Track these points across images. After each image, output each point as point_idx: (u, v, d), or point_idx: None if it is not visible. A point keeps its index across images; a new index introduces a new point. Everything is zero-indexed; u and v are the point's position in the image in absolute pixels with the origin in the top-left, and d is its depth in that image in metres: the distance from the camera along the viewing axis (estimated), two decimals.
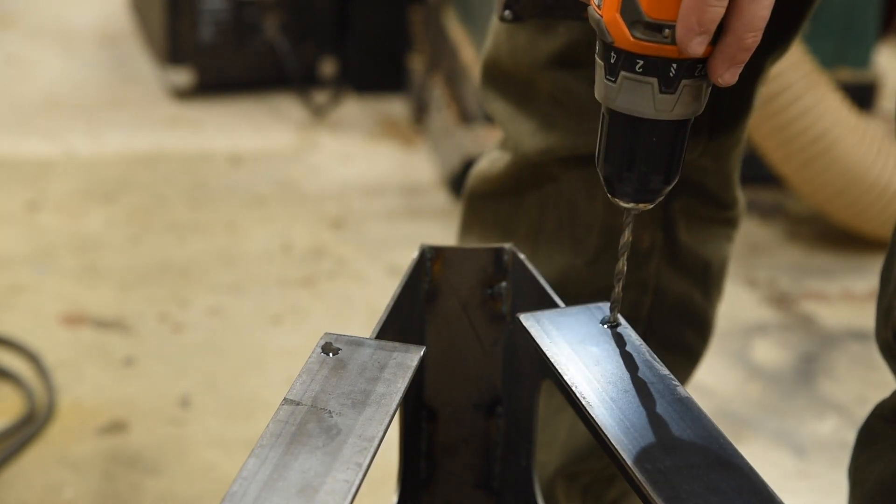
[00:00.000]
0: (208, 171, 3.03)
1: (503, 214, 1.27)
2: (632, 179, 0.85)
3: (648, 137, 0.84)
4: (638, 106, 0.82)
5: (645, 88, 0.82)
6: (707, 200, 1.23)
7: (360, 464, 0.73)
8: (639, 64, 0.81)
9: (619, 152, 0.85)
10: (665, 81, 0.81)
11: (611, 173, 0.86)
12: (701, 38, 0.78)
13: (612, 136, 0.85)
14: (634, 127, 0.83)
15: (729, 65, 0.81)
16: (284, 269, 2.59)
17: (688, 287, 1.27)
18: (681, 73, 0.81)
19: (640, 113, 0.83)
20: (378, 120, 3.34)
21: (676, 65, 0.81)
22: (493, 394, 1.04)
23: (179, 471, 1.97)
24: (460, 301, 1.01)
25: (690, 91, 0.82)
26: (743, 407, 2.18)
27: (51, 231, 2.69)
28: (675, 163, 0.85)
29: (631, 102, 0.82)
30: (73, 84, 3.49)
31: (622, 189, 0.86)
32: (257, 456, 0.73)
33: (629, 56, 0.81)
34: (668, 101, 0.82)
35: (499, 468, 1.06)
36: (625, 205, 0.87)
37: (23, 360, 2.21)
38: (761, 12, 0.79)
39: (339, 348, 0.85)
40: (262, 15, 3.36)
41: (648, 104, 0.82)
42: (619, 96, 0.83)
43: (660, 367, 0.86)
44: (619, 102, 0.83)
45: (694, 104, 0.83)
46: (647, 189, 0.86)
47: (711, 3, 0.77)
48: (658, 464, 0.76)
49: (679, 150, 0.85)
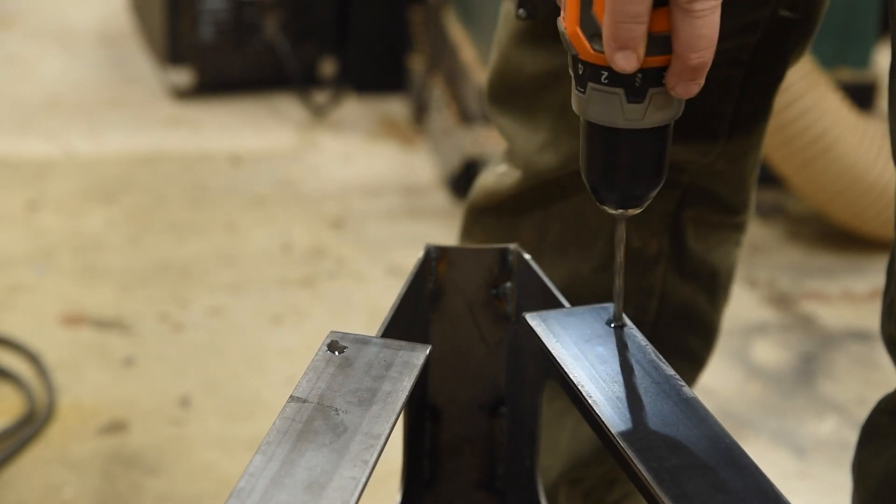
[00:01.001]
0: (208, 171, 3.03)
1: (505, 223, 1.26)
2: (615, 187, 0.85)
3: (624, 146, 0.84)
4: (609, 116, 0.82)
5: (613, 99, 0.81)
6: (718, 206, 1.22)
7: (367, 461, 0.73)
8: (604, 75, 0.81)
9: (598, 161, 0.85)
10: (631, 91, 0.81)
11: (594, 181, 0.86)
12: (624, 54, 0.78)
13: (591, 146, 0.85)
14: (609, 136, 0.84)
15: (679, 80, 0.80)
16: (284, 269, 2.59)
17: (694, 293, 1.26)
18: (647, 82, 0.81)
19: (612, 123, 0.83)
20: (378, 120, 3.34)
21: (641, 74, 0.80)
22: (497, 394, 1.04)
23: (179, 471, 1.97)
24: (465, 301, 1.01)
25: (660, 99, 0.82)
26: (743, 407, 2.18)
27: (51, 231, 2.69)
28: (656, 168, 0.85)
29: (602, 112, 0.83)
30: (73, 84, 3.49)
31: (608, 196, 0.86)
32: (264, 452, 0.73)
33: (593, 68, 0.81)
34: (637, 110, 0.82)
35: (502, 468, 1.06)
36: (612, 211, 0.87)
37: (23, 360, 2.21)
38: (701, 32, 0.78)
39: (345, 346, 0.85)
40: (262, 15, 3.36)
41: (618, 114, 0.82)
42: (589, 107, 0.83)
43: (665, 367, 0.86)
44: (590, 113, 0.83)
45: (666, 111, 0.83)
46: (631, 196, 0.86)
47: (625, 21, 0.76)
48: (664, 463, 0.76)
49: (659, 155, 0.85)
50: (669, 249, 1.22)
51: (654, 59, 0.79)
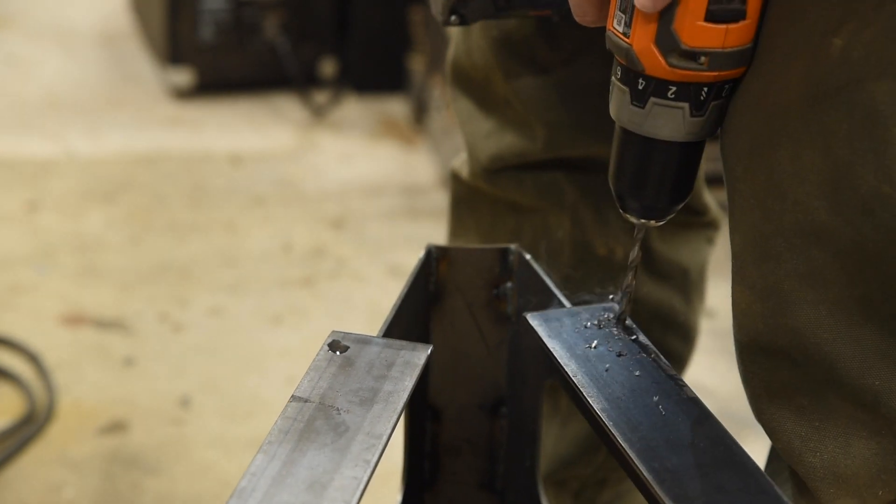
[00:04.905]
0: (208, 171, 3.03)
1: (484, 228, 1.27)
2: (646, 198, 0.85)
3: (673, 159, 0.83)
4: (667, 130, 0.82)
5: (676, 113, 0.81)
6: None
7: (369, 461, 0.73)
8: (671, 90, 0.80)
9: (636, 173, 0.85)
10: (696, 105, 0.81)
11: (624, 191, 0.86)
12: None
13: (632, 158, 0.84)
14: (660, 149, 0.83)
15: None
16: (284, 269, 2.59)
17: (666, 294, 1.26)
18: (711, 95, 0.81)
19: (670, 137, 0.82)
20: (378, 120, 3.34)
21: (707, 88, 0.80)
22: (498, 394, 1.04)
23: (179, 471, 1.97)
24: (466, 301, 1.01)
25: (717, 111, 0.82)
26: (743, 407, 2.17)
27: (51, 231, 2.69)
28: (690, 183, 0.85)
29: (660, 126, 0.82)
30: (72, 84, 3.49)
31: (633, 206, 0.86)
32: (266, 452, 0.73)
33: (661, 83, 0.80)
34: (698, 123, 0.82)
35: (502, 468, 1.06)
36: (635, 220, 0.87)
37: (23, 360, 2.21)
38: None
39: (346, 346, 0.85)
40: (262, 15, 3.36)
41: (679, 128, 0.82)
42: (648, 121, 0.82)
43: (667, 367, 0.86)
44: (646, 127, 0.82)
45: (718, 123, 0.83)
46: (659, 207, 0.86)
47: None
48: (665, 463, 0.76)
49: (695, 170, 0.85)
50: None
51: (725, 73, 0.79)
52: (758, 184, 0.81)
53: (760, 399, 0.91)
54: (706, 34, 0.78)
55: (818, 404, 0.85)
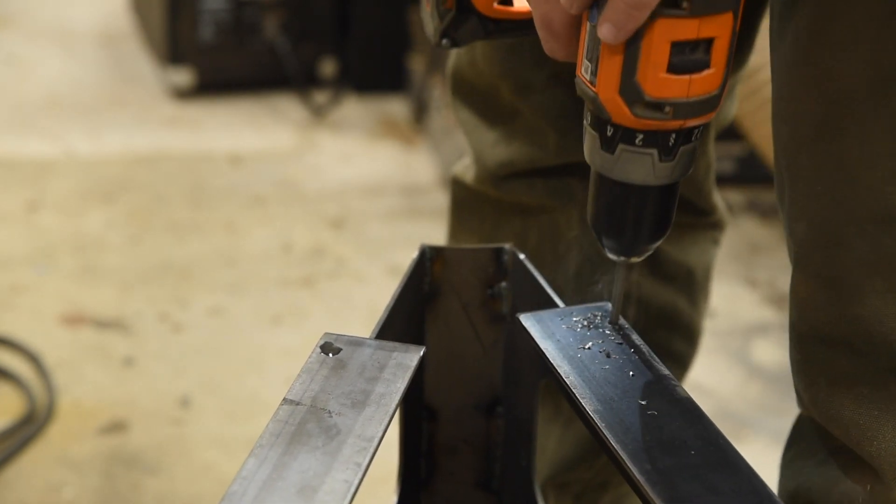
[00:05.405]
0: (208, 171, 3.03)
1: (487, 230, 1.26)
2: (624, 238, 0.85)
3: (644, 202, 0.83)
4: (637, 175, 0.82)
5: (645, 159, 0.81)
6: (682, 208, 1.22)
7: (360, 464, 0.73)
8: (639, 137, 0.80)
9: (612, 214, 0.85)
10: (665, 151, 0.81)
11: (601, 232, 0.86)
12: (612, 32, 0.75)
13: (607, 201, 0.85)
14: (633, 193, 0.83)
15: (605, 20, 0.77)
16: (284, 269, 2.59)
17: (672, 295, 1.26)
18: (680, 140, 0.81)
19: (641, 181, 0.82)
20: (378, 120, 3.34)
21: (675, 134, 0.80)
22: (494, 394, 1.04)
23: (179, 471, 1.97)
24: (461, 301, 1.01)
25: (687, 154, 0.82)
26: (743, 407, 2.18)
27: (51, 231, 2.69)
28: (667, 221, 0.85)
29: (629, 172, 0.82)
30: (72, 84, 3.50)
31: (612, 245, 0.86)
32: (256, 456, 0.72)
33: (628, 130, 0.80)
34: (667, 167, 0.81)
35: (499, 468, 1.06)
36: (615, 259, 0.87)
37: (23, 360, 2.21)
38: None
39: (339, 348, 0.85)
40: (262, 15, 3.36)
41: (648, 173, 0.82)
42: (616, 166, 0.82)
43: (660, 367, 0.86)
44: (616, 173, 0.82)
45: (689, 165, 0.83)
46: (637, 248, 0.86)
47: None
48: (657, 464, 0.76)
49: (671, 208, 0.85)
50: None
51: (691, 121, 0.79)
52: (825, 171, 0.80)
53: (818, 388, 0.91)
54: (669, 85, 0.77)
55: (879, 392, 0.85)
